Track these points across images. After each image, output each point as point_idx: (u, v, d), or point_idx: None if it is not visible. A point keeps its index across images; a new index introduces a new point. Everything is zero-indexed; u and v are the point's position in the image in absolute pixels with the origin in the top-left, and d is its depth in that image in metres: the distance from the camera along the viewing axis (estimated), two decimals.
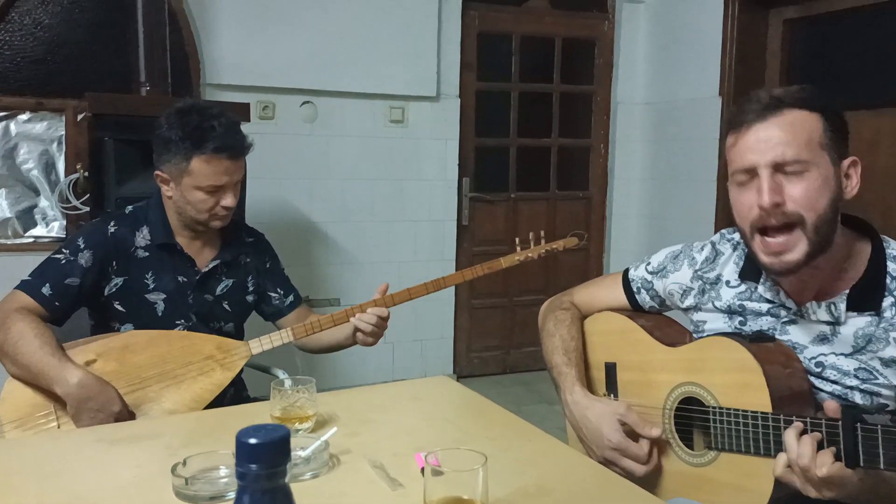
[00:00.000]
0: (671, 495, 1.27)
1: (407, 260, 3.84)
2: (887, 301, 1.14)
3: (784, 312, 1.23)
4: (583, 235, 1.83)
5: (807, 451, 1.01)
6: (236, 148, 1.66)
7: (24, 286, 1.61)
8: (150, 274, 1.70)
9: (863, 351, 1.15)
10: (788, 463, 1.04)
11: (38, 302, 1.59)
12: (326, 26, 3.50)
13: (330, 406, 1.39)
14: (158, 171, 1.69)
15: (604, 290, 1.53)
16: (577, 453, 1.26)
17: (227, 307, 1.79)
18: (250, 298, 1.85)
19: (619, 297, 1.49)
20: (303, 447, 1.11)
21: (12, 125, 3.22)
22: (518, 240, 1.80)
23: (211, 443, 1.20)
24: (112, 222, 1.71)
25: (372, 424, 1.33)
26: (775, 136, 1.11)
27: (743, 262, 1.30)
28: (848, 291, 1.16)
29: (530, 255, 1.77)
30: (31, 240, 3.28)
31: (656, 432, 1.27)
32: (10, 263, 2.81)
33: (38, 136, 3.26)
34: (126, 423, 1.44)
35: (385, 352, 3.83)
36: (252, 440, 0.55)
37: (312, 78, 3.51)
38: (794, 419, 1.07)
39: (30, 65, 3.17)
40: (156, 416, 1.53)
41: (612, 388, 1.43)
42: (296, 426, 1.26)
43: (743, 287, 1.29)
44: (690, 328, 1.40)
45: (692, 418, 1.27)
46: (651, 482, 1.27)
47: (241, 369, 1.67)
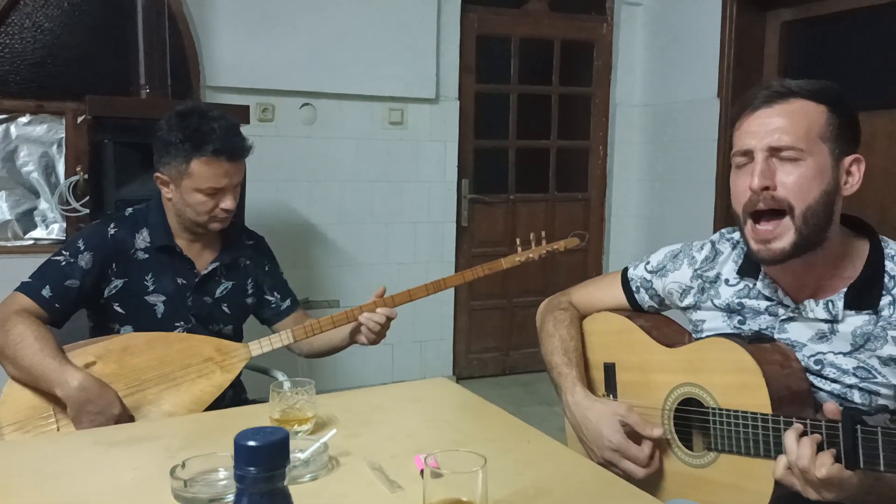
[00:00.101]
0: (671, 496, 1.27)
1: (406, 261, 3.84)
2: (885, 300, 1.14)
3: (782, 310, 1.23)
4: (584, 235, 1.83)
5: (806, 452, 1.01)
6: (236, 150, 1.67)
7: (24, 288, 1.61)
8: (150, 276, 1.70)
9: (861, 349, 1.15)
10: (788, 465, 1.04)
11: (38, 304, 1.59)
12: (326, 28, 3.50)
13: (329, 408, 1.39)
14: (158, 174, 1.69)
15: (602, 290, 1.53)
16: (577, 455, 1.26)
17: (226, 309, 1.79)
18: (250, 301, 1.85)
19: (618, 297, 1.49)
20: (302, 449, 1.11)
21: (12, 128, 3.22)
22: (519, 240, 1.79)
23: (210, 445, 1.20)
24: (112, 224, 1.71)
25: (371, 426, 1.33)
26: (776, 122, 1.13)
27: (742, 259, 1.30)
28: (846, 290, 1.16)
29: (531, 255, 1.77)
30: (31, 242, 3.28)
31: (658, 432, 1.27)
32: (9, 265, 2.81)
33: (38, 138, 3.26)
34: (125, 425, 1.44)
35: (384, 353, 3.83)
36: (251, 443, 0.55)
37: (312, 80, 3.52)
38: (793, 420, 1.07)
39: (30, 67, 3.18)
40: (155, 418, 1.52)
41: (610, 388, 1.43)
42: (295, 428, 1.26)
43: (741, 285, 1.29)
44: (689, 328, 1.40)
45: (691, 419, 1.27)
46: (651, 483, 1.27)
47: (241, 371, 1.67)
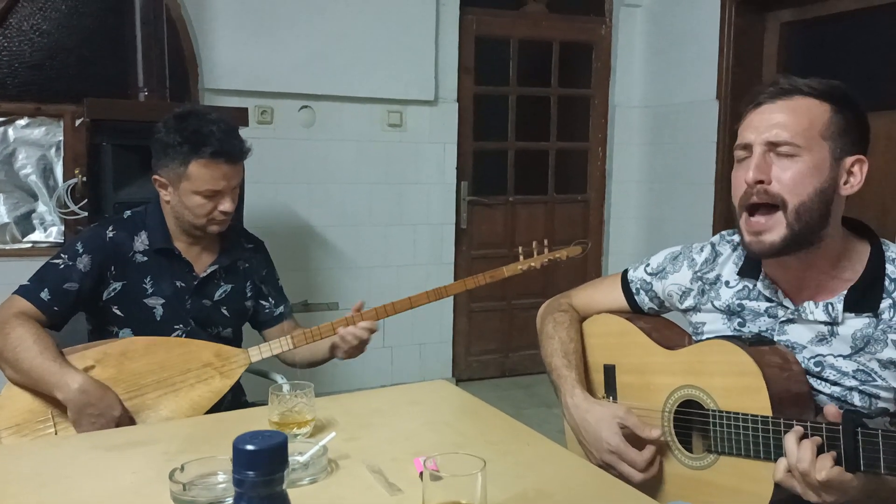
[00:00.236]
0: (670, 499, 1.27)
1: (405, 263, 3.83)
2: (885, 303, 1.14)
3: (782, 312, 1.23)
4: (586, 244, 1.83)
5: (806, 455, 1.01)
6: (234, 152, 1.66)
7: (22, 291, 1.61)
8: (149, 279, 1.70)
9: (861, 352, 1.15)
10: (788, 467, 1.04)
11: (36, 307, 1.58)
12: (324, 31, 3.50)
13: (328, 411, 1.39)
14: (157, 176, 1.69)
15: (602, 292, 1.53)
16: (577, 457, 1.26)
17: (225, 312, 1.79)
18: (249, 304, 1.85)
19: (618, 299, 1.49)
20: (301, 452, 1.10)
21: (10, 130, 3.22)
22: (521, 248, 1.78)
23: (209, 448, 1.20)
24: (110, 227, 1.71)
25: (370, 429, 1.33)
26: (777, 118, 1.14)
27: (742, 261, 1.30)
28: (846, 292, 1.16)
29: (533, 264, 1.76)
30: (30, 245, 3.28)
31: (656, 433, 1.27)
32: (8, 269, 2.81)
33: (36, 141, 3.26)
34: (123, 428, 1.43)
35: (384, 355, 3.83)
36: (249, 447, 0.54)
37: (311, 82, 3.51)
38: (794, 423, 1.07)
39: (28, 70, 3.18)
40: (153, 423, 1.52)
41: (610, 390, 1.43)
42: (294, 431, 1.26)
43: (741, 286, 1.29)
44: (689, 330, 1.40)
45: (692, 421, 1.27)
46: (650, 485, 1.27)
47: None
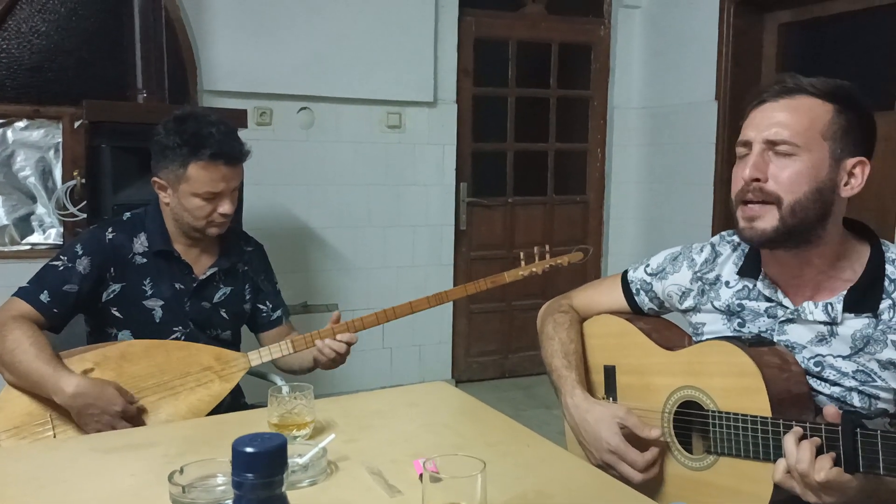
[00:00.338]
0: (670, 499, 1.27)
1: (405, 265, 3.83)
2: (885, 303, 1.14)
3: (781, 312, 1.23)
4: (588, 250, 1.83)
5: (805, 456, 1.01)
6: (233, 154, 1.66)
7: (21, 293, 1.60)
8: (148, 281, 1.70)
9: (860, 353, 1.15)
10: (787, 468, 1.04)
11: (36, 309, 1.58)
12: (323, 32, 3.50)
13: (328, 412, 1.38)
14: (156, 178, 1.69)
15: (603, 293, 1.53)
16: (577, 458, 1.26)
17: (224, 315, 1.79)
18: (248, 307, 1.84)
19: (618, 299, 1.49)
20: (300, 454, 1.10)
21: (9, 132, 3.22)
22: (523, 254, 1.78)
23: (208, 450, 1.20)
24: (110, 229, 1.71)
25: (370, 431, 1.33)
26: (778, 116, 1.14)
27: (742, 261, 1.30)
28: (845, 293, 1.16)
29: (534, 269, 1.76)
30: (29, 247, 3.27)
31: (655, 433, 1.27)
32: (7, 271, 2.81)
33: (35, 143, 3.26)
34: (122, 431, 1.43)
35: (383, 357, 3.83)
36: (248, 449, 0.54)
37: (310, 84, 3.51)
38: (793, 424, 1.07)
39: (27, 72, 3.17)
40: (152, 426, 1.52)
41: (610, 391, 1.43)
42: (293, 433, 1.26)
43: (741, 285, 1.29)
44: (689, 330, 1.40)
45: (691, 422, 1.27)
46: (650, 486, 1.27)
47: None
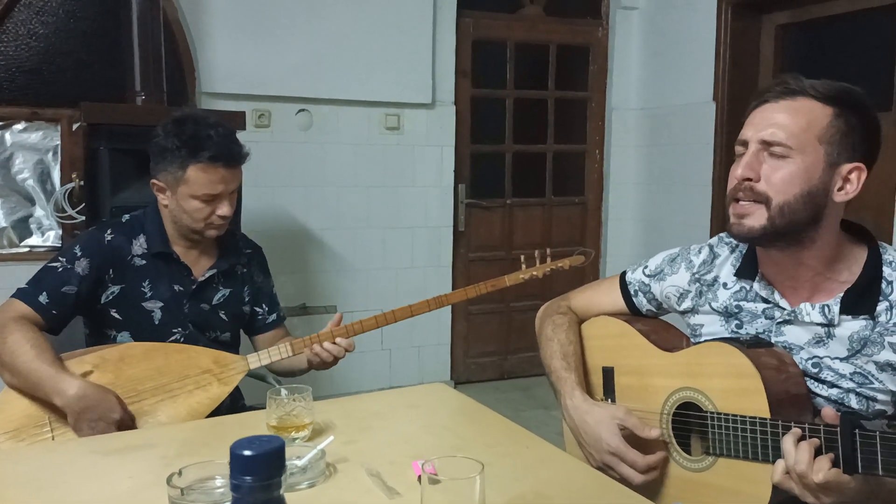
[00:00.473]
0: (669, 500, 1.27)
1: (404, 266, 3.83)
2: (882, 305, 1.14)
3: (778, 313, 1.23)
4: (590, 253, 1.83)
5: (804, 457, 1.01)
6: (232, 156, 1.66)
7: (20, 294, 1.60)
8: (147, 282, 1.70)
9: (858, 355, 1.15)
10: (786, 469, 1.04)
11: (34, 310, 1.58)
12: (322, 34, 3.50)
13: (326, 414, 1.38)
14: (154, 180, 1.69)
15: (601, 294, 1.53)
16: (576, 460, 1.25)
17: (223, 316, 1.79)
18: (247, 308, 1.84)
19: (617, 301, 1.49)
20: (299, 456, 1.10)
21: (7, 135, 3.22)
22: (523, 257, 1.78)
23: (207, 452, 1.19)
24: (109, 231, 1.71)
25: (369, 432, 1.33)
26: (776, 117, 1.15)
27: (740, 262, 1.30)
28: (842, 295, 1.16)
29: (535, 273, 1.76)
30: (27, 249, 3.27)
31: (655, 433, 1.27)
32: (5, 273, 2.80)
33: (33, 145, 3.26)
34: (121, 433, 1.43)
35: (382, 358, 3.83)
36: (246, 452, 0.54)
37: (308, 86, 3.52)
38: (792, 425, 1.07)
39: (25, 75, 3.17)
40: (151, 428, 1.52)
41: (609, 392, 1.43)
42: (292, 435, 1.26)
43: (738, 287, 1.29)
44: (687, 332, 1.40)
45: (690, 423, 1.27)
46: (649, 488, 1.27)
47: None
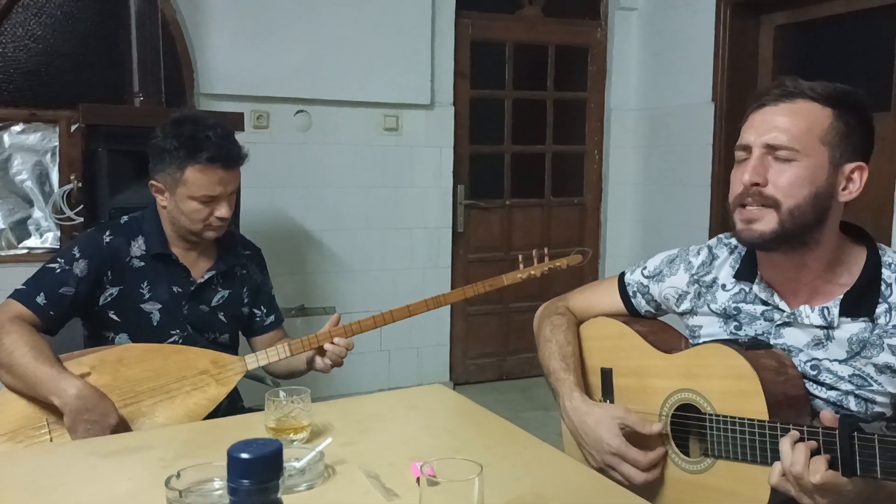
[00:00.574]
0: (668, 502, 1.27)
1: (402, 267, 3.83)
2: (881, 307, 1.14)
3: (778, 315, 1.23)
4: (587, 253, 1.83)
5: (800, 458, 1.01)
6: (231, 158, 1.66)
7: (17, 295, 1.60)
8: (146, 284, 1.69)
9: (857, 357, 1.15)
10: (783, 471, 1.03)
11: (32, 311, 1.58)
12: (320, 35, 3.50)
13: (325, 416, 1.38)
14: (153, 181, 1.69)
15: (599, 295, 1.53)
16: (574, 461, 1.25)
17: (222, 318, 1.78)
18: (246, 310, 1.84)
19: (615, 302, 1.49)
20: (297, 458, 1.10)
21: (6, 136, 3.22)
22: (521, 256, 1.78)
23: (205, 454, 1.19)
24: (107, 232, 1.70)
25: (367, 434, 1.33)
26: (777, 120, 1.15)
27: (739, 264, 1.30)
28: (841, 297, 1.16)
29: (533, 272, 1.76)
30: (25, 251, 3.27)
31: (657, 427, 1.27)
32: (4, 274, 2.80)
33: (31, 147, 3.25)
34: (119, 435, 1.43)
35: (381, 359, 3.83)
36: (243, 455, 0.54)
37: (307, 87, 3.51)
38: (790, 427, 1.06)
39: (23, 76, 3.17)
40: (149, 430, 1.51)
41: (607, 393, 1.43)
42: (290, 436, 1.26)
43: (738, 288, 1.29)
44: (686, 333, 1.40)
45: (689, 425, 1.27)
46: (648, 489, 1.27)
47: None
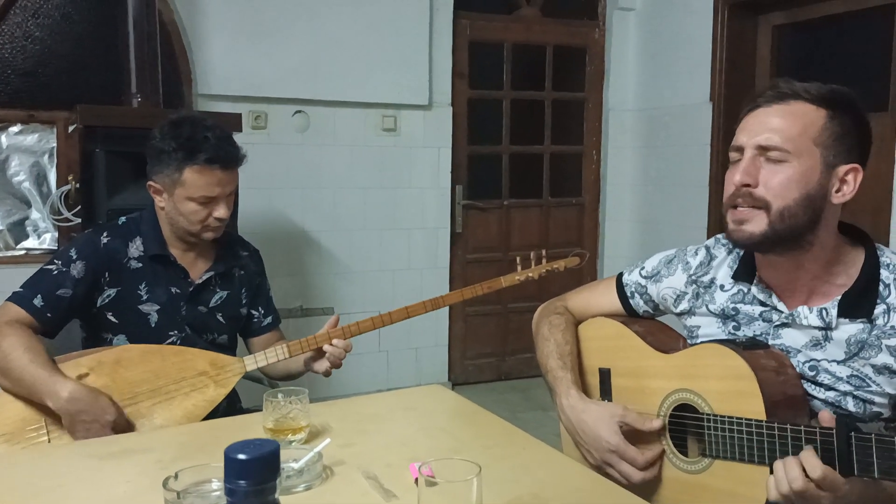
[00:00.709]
0: (666, 502, 1.27)
1: (401, 268, 3.83)
2: (879, 308, 1.14)
3: (776, 316, 1.23)
4: (585, 255, 1.83)
5: (795, 472, 0.99)
6: (229, 159, 1.66)
7: (15, 298, 1.60)
8: (144, 285, 1.69)
9: (855, 358, 1.15)
10: (786, 494, 1.02)
11: (29, 313, 1.58)
12: (318, 36, 3.50)
13: (323, 416, 1.38)
14: (151, 182, 1.68)
15: (598, 295, 1.53)
16: (573, 461, 1.25)
17: (220, 319, 1.78)
18: (244, 311, 1.84)
19: (613, 302, 1.49)
20: (296, 459, 1.10)
21: (3, 137, 3.21)
22: (519, 258, 1.79)
23: (203, 456, 1.19)
24: (105, 233, 1.70)
25: (366, 435, 1.33)
26: (770, 121, 1.14)
27: (737, 264, 1.30)
28: (840, 298, 1.16)
29: (531, 274, 1.77)
30: (23, 252, 3.26)
31: (657, 424, 1.27)
32: (1, 276, 2.79)
33: (29, 148, 3.25)
34: (117, 436, 1.42)
35: (380, 360, 3.82)
36: (240, 456, 0.54)
37: (304, 87, 3.51)
38: (787, 427, 1.07)
39: (21, 77, 3.17)
40: (146, 432, 1.51)
41: (606, 393, 1.43)
42: (289, 437, 1.26)
43: (736, 289, 1.29)
44: (684, 334, 1.40)
45: (686, 425, 1.27)
46: (646, 489, 1.27)
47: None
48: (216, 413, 1.61)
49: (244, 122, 3.07)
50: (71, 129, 3.16)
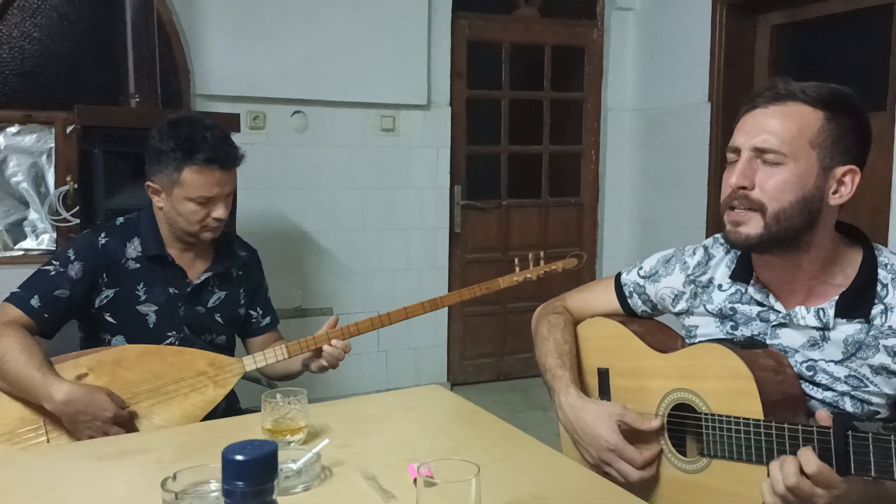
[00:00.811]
0: (665, 502, 1.27)
1: (400, 268, 3.83)
2: (877, 308, 1.14)
3: (774, 316, 1.23)
4: (582, 256, 1.84)
5: (791, 469, 0.99)
6: (228, 159, 1.66)
7: (12, 298, 1.60)
8: (142, 286, 1.69)
9: (853, 358, 1.15)
10: (783, 492, 1.02)
11: (26, 314, 1.57)
12: (317, 36, 3.50)
13: (322, 417, 1.38)
14: (149, 182, 1.68)
15: (596, 295, 1.53)
16: (572, 462, 1.26)
17: (219, 319, 1.78)
18: (242, 311, 1.84)
19: (612, 302, 1.49)
20: (294, 459, 1.10)
21: (1, 138, 3.21)
22: (517, 259, 1.80)
23: (202, 456, 1.19)
24: (103, 234, 1.70)
25: (364, 435, 1.33)
26: (767, 123, 1.14)
27: (735, 264, 1.30)
28: (837, 298, 1.16)
29: (529, 276, 1.78)
30: (21, 252, 3.26)
31: (656, 423, 1.27)
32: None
33: (27, 148, 3.25)
34: (116, 437, 1.42)
35: (378, 360, 3.82)
36: (238, 457, 0.54)
37: (303, 88, 3.51)
38: (785, 426, 1.07)
39: (19, 77, 3.16)
40: (146, 432, 1.51)
41: (604, 393, 1.43)
42: (287, 438, 1.26)
43: (734, 289, 1.29)
44: (682, 333, 1.40)
45: (685, 425, 1.27)
46: (644, 489, 1.27)
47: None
48: (215, 413, 1.61)
49: (242, 123, 3.07)
50: (69, 130, 3.16)
